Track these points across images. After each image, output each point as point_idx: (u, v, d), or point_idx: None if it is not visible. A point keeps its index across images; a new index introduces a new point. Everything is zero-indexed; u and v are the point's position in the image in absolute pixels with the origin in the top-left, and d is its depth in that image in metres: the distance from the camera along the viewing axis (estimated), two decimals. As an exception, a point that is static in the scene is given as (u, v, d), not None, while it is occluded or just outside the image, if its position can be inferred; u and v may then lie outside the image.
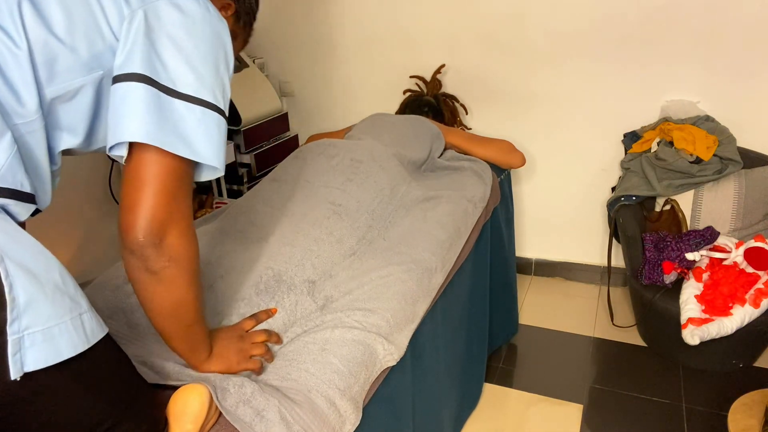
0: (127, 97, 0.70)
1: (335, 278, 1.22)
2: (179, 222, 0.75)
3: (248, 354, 0.95)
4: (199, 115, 0.74)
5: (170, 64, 0.72)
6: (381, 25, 2.35)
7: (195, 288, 0.81)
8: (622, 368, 1.92)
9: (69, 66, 0.69)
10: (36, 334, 0.61)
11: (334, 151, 1.56)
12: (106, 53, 0.71)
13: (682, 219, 1.90)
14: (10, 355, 0.59)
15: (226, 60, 0.79)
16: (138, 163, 0.72)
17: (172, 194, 0.74)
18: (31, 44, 0.65)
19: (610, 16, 2.01)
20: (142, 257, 0.73)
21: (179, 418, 0.82)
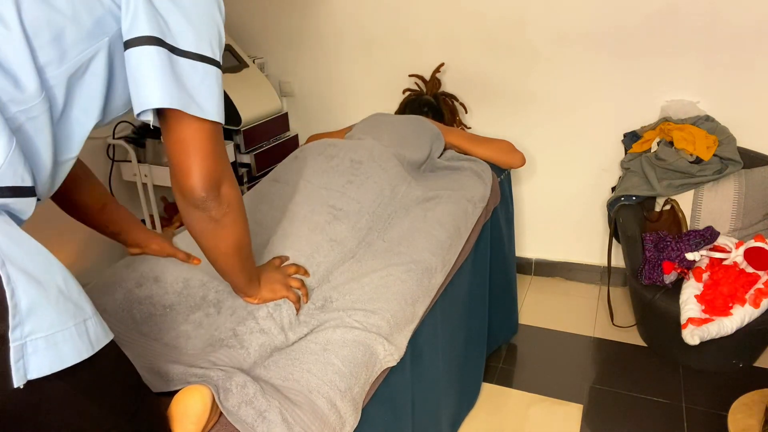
0: (142, 62, 0.71)
1: (334, 281, 1.22)
2: (227, 174, 0.85)
3: (288, 283, 1.08)
4: (201, 72, 0.76)
5: (170, 22, 0.73)
6: (381, 25, 2.35)
7: (247, 227, 0.93)
8: (622, 368, 1.92)
9: (75, 38, 0.67)
10: (39, 341, 0.59)
11: (334, 151, 1.56)
12: (106, 17, 0.70)
13: (682, 219, 1.90)
14: (12, 363, 0.57)
15: (220, 13, 0.80)
16: (176, 127, 0.77)
17: (217, 154, 0.82)
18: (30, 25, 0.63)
19: (610, 16, 2.01)
20: (206, 209, 0.83)
21: (181, 419, 0.82)
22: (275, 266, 1.13)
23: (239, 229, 0.91)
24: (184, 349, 1.02)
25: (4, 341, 0.57)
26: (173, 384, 0.90)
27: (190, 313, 1.09)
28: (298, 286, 1.12)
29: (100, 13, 0.70)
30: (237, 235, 0.91)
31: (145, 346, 1.01)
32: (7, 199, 0.62)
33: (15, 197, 0.63)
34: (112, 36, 0.72)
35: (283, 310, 1.07)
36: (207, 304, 1.11)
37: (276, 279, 1.08)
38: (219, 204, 0.84)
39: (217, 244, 0.90)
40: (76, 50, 0.68)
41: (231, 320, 1.04)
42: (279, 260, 1.18)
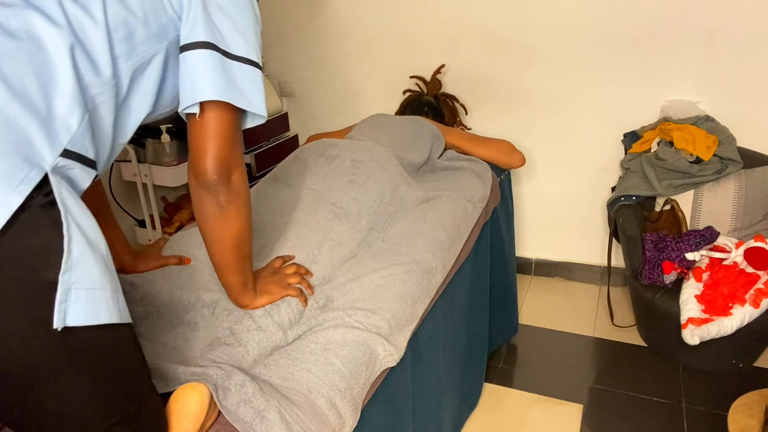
0: (198, 62, 0.83)
1: (335, 281, 1.22)
2: (240, 164, 0.92)
3: (286, 282, 1.10)
4: (250, 73, 0.88)
5: (224, 31, 0.85)
6: (381, 25, 2.35)
7: (250, 222, 0.97)
8: (622, 368, 1.92)
9: (143, 38, 0.79)
10: (81, 291, 0.65)
11: (334, 151, 1.55)
12: (168, 25, 0.82)
13: (682, 219, 1.90)
14: (57, 303, 0.63)
15: (258, 24, 0.93)
16: (204, 121, 0.86)
17: (233, 142, 0.89)
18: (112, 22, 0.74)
19: (610, 16, 2.01)
20: (215, 193, 0.89)
21: (179, 417, 0.83)
22: (274, 269, 1.14)
23: (243, 221, 0.95)
24: (183, 349, 1.02)
25: (53, 282, 0.63)
26: (172, 384, 0.90)
27: (184, 313, 1.09)
28: (298, 281, 1.13)
29: (165, 21, 0.82)
30: (240, 226, 0.95)
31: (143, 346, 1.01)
32: (75, 163, 0.71)
33: (80, 164, 0.72)
34: (170, 41, 0.84)
35: (281, 308, 1.07)
36: (201, 304, 1.11)
37: (274, 282, 1.09)
38: (228, 190, 0.90)
39: (219, 232, 0.94)
40: (142, 48, 0.79)
41: (228, 320, 1.04)
42: (281, 260, 1.18)
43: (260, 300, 1.06)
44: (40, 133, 0.65)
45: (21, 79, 0.64)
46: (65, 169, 0.69)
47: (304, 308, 1.12)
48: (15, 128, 0.63)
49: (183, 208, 2.38)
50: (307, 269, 1.19)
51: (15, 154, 0.62)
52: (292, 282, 1.11)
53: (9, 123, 0.62)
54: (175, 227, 2.30)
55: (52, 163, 0.66)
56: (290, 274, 1.13)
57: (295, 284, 1.11)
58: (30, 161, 0.63)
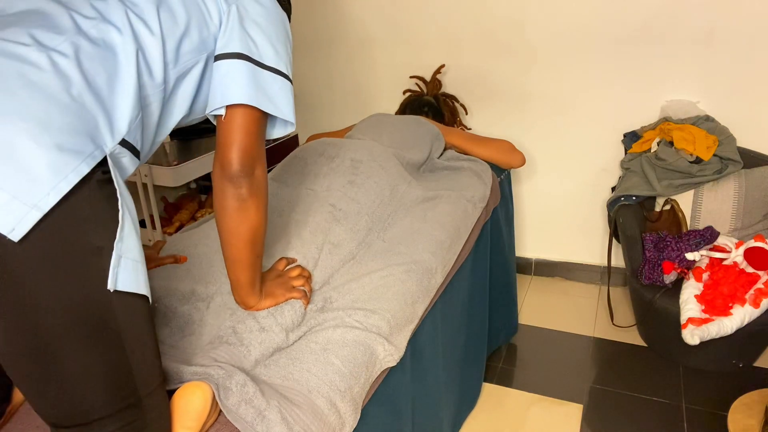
0: (231, 71, 0.90)
1: (334, 282, 1.22)
2: (263, 161, 0.97)
3: (290, 285, 1.12)
4: (280, 83, 0.95)
5: (259, 44, 0.93)
6: (381, 25, 2.35)
7: (265, 221, 1.01)
8: (622, 368, 1.92)
9: (188, 49, 0.88)
10: (128, 261, 0.74)
11: (334, 151, 1.55)
12: (209, 39, 0.91)
13: (682, 219, 1.90)
14: (111, 267, 0.72)
15: (290, 40, 1.01)
16: (233, 116, 0.92)
17: (258, 137, 0.94)
18: (165, 34, 0.84)
19: (610, 16, 2.01)
20: (238, 185, 0.93)
21: (182, 415, 0.83)
22: (278, 272, 1.16)
23: (261, 216, 0.99)
24: (181, 347, 1.02)
25: (109, 249, 0.72)
26: (173, 382, 0.90)
27: (179, 305, 1.09)
28: (302, 284, 1.14)
29: (206, 35, 0.90)
30: (257, 221, 0.99)
31: None
32: (127, 151, 0.80)
33: (130, 153, 0.81)
34: (210, 53, 0.92)
35: (285, 310, 1.07)
36: (196, 298, 1.10)
37: (277, 284, 1.11)
38: (251, 183, 0.95)
39: (237, 225, 0.97)
40: (186, 58, 0.88)
41: (231, 319, 1.04)
42: (285, 262, 1.19)
43: (265, 302, 1.08)
44: (105, 122, 0.76)
45: (95, 77, 0.75)
46: (120, 155, 0.79)
47: (305, 310, 1.12)
48: (88, 114, 0.73)
49: (183, 208, 2.38)
50: (310, 273, 1.20)
51: (86, 134, 0.72)
52: (296, 285, 1.13)
53: (85, 109, 0.73)
54: (175, 227, 2.30)
55: (112, 148, 0.76)
56: (294, 277, 1.14)
57: (299, 287, 1.13)
58: (96, 142, 0.73)
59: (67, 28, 0.76)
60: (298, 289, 1.12)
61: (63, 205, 0.68)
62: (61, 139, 0.69)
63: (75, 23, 0.77)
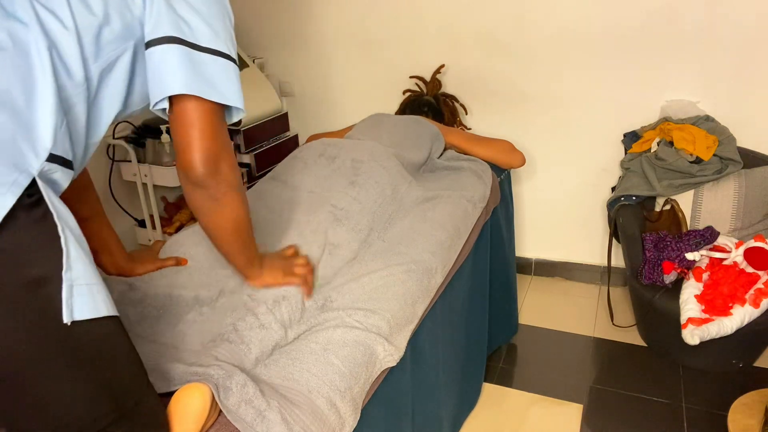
0: (164, 57, 0.81)
1: (334, 281, 1.22)
2: (227, 154, 0.90)
3: (292, 270, 1.12)
4: (221, 64, 0.86)
5: (191, 24, 0.83)
6: (381, 25, 2.35)
7: (247, 208, 0.98)
8: (622, 368, 1.92)
9: (109, 39, 0.79)
10: (82, 287, 0.68)
11: (334, 151, 1.55)
12: (134, 24, 0.81)
13: (682, 219, 1.90)
14: (64, 300, 0.66)
15: (229, 15, 0.91)
16: (182, 112, 0.85)
17: (216, 132, 0.87)
18: (80, 24, 0.75)
19: (610, 16, 2.01)
20: (205, 187, 0.89)
21: (181, 417, 0.83)
22: (284, 256, 1.17)
23: (238, 208, 0.96)
24: (182, 347, 1.02)
25: (58, 279, 0.66)
26: (174, 384, 0.90)
27: (183, 314, 1.10)
28: (304, 273, 1.14)
29: (129, 20, 0.81)
30: (236, 214, 0.96)
31: (142, 347, 1.01)
32: (58, 166, 0.73)
33: (61, 166, 0.73)
34: (137, 40, 0.82)
35: (282, 306, 1.08)
36: (200, 304, 1.11)
37: (279, 266, 1.12)
38: (217, 183, 0.90)
39: (216, 222, 0.95)
40: (108, 48, 0.79)
41: (231, 317, 1.05)
42: (292, 250, 1.22)
43: (266, 278, 1.09)
44: (27, 141, 0.67)
45: (8, 89, 0.67)
46: (49, 172, 0.71)
47: (304, 306, 1.12)
48: (4, 137, 0.65)
49: (183, 208, 2.38)
50: (314, 266, 1.21)
51: (6, 162, 0.64)
52: (297, 272, 1.13)
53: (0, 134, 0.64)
54: (175, 227, 2.30)
55: (39, 168, 0.68)
56: (298, 264, 1.16)
57: (300, 274, 1.13)
58: (19, 168, 0.65)
59: None
60: (299, 276, 1.12)
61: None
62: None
63: None
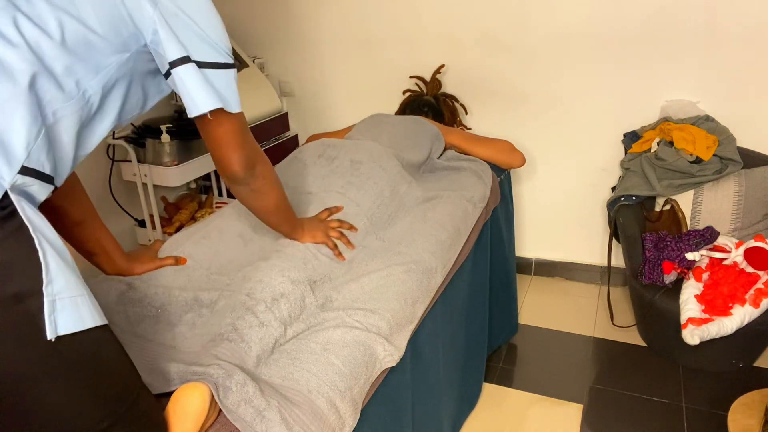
0: (184, 78, 0.89)
1: (334, 281, 1.22)
2: (258, 153, 1.06)
3: (327, 232, 1.29)
4: (223, 76, 0.93)
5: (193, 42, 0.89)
6: (381, 25, 2.35)
7: (282, 190, 1.16)
8: (622, 368, 1.92)
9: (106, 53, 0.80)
10: (65, 300, 0.67)
11: (333, 152, 1.55)
12: (130, 39, 0.84)
13: (682, 219, 1.90)
14: (46, 315, 0.64)
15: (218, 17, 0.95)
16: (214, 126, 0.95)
17: (244, 139, 1.01)
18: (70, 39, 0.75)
19: (610, 16, 2.01)
20: (247, 184, 1.05)
21: (180, 417, 0.82)
22: (320, 219, 1.33)
23: (275, 193, 1.13)
24: (181, 347, 1.02)
25: (38, 295, 0.64)
26: (173, 383, 0.90)
27: (182, 314, 1.10)
28: (338, 236, 1.30)
29: (125, 35, 0.83)
30: (274, 198, 1.13)
31: (141, 347, 1.01)
32: (33, 179, 0.71)
33: (38, 180, 0.72)
34: (132, 53, 0.85)
35: (281, 304, 1.08)
36: (199, 305, 1.12)
37: (317, 227, 1.28)
38: (255, 179, 1.05)
39: (260, 205, 1.13)
40: (105, 63, 0.81)
41: (230, 316, 1.05)
42: (327, 212, 1.36)
43: (306, 236, 1.26)
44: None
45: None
46: (24, 186, 0.70)
47: (304, 304, 1.12)
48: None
49: (183, 208, 2.38)
50: (350, 224, 1.35)
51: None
52: (332, 235, 1.29)
53: None
54: (175, 227, 2.30)
55: (11, 181, 0.67)
56: (332, 227, 1.31)
57: (334, 237, 1.29)
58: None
59: None
60: (331, 239, 1.28)
61: None
62: None
63: None
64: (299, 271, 1.16)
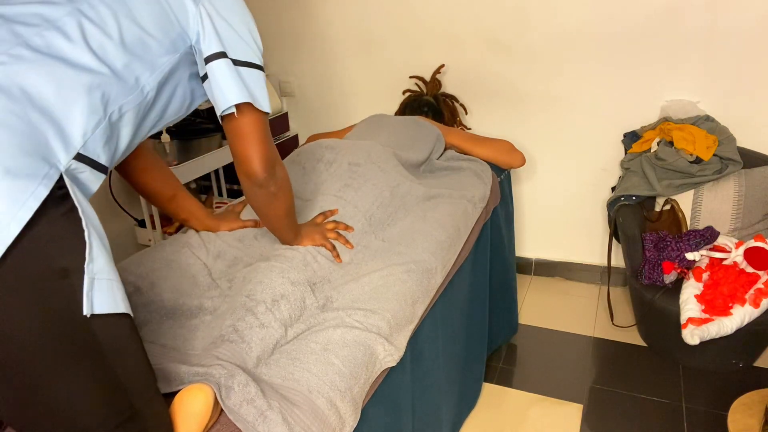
0: (220, 72, 0.93)
1: (334, 282, 1.22)
2: (278, 158, 1.07)
3: (325, 235, 1.29)
4: (255, 75, 0.98)
5: (231, 41, 0.95)
6: (381, 25, 2.35)
7: (293, 196, 1.17)
8: (622, 368, 1.93)
9: (159, 53, 0.88)
10: (102, 282, 0.71)
11: (332, 155, 1.55)
12: (178, 40, 0.91)
13: (682, 219, 1.90)
14: (85, 292, 0.69)
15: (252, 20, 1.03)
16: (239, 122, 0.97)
17: (268, 140, 1.02)
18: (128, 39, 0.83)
19: (610, 16, 2.01)
20: (265, 186, 1.05)
21: (184, 417, 0.83)
22: (316, 223, 1.33)
23: (288, 199, 1.14)
24: (183, 349, 1.02)
25: (80, 272, 0.69)
26: (176, 384, 0.90)
27: (186, 320, 1.10)
28: (335, 237, 1.30)
29: (174, 36, 0.90)
30: (287, 203, 1.14)
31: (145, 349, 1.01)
32: (86, 167, 0.77)
33: (90, 168, 0.78)
34: (181, 54, 0.92)
35: (281, 305, 1.08)
36: (204, 312, 1.12)
37: (314, 231, 1.29)
38: (274, 182, 1.06)
39: (273, 211, 1.13)
40: (160, 62, 0.88)
41: (231, 318, 1.05)
42: (322, 216, 1.36)
43: (305, 242, 1.26)
44: (57, 136, 0.72)
45: (41, 90, 0.72)
46: (76, 171, 0.76)
47: (304, 305, 1.12)
48: (36, 131, 0.70)
49: (183, 208, 2.38)
50: (346, 225, 1.35)
51: (37, 154, 0.69)
52: (330, 236, 1.30)
53: (32, 126, 0.70)
54: (175, 227, 2.30)
55: (66, 164, 0.73)
56: (329, 229, 1.31)
57: (332, 239, 1.29)
58: (49, 161, 0.70)
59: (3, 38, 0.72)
60: (329, 241, 1.28)
61: (24, 231, 0.65)
62: (12, 164, 0.66)
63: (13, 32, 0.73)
64: (299, 273, 1.16)
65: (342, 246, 1.31)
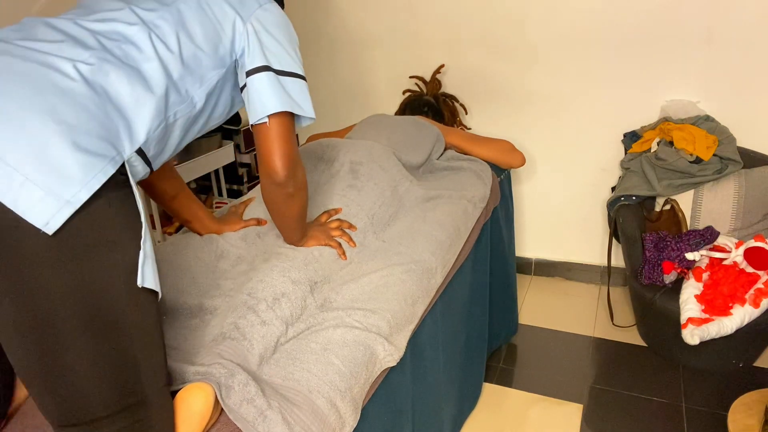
0: (260, 84, 1.00)
1: (334, 282, 1.22)
2: (300, 160, 1.11)
3: (330, 234, 1.30)
4: (299, 85, 1.06)
5: (276, 54, 1.02)
6: (381, 26, 2.35)
7: (308, 199, 1.20)
8: (622, 368, 1.92)
9: (209, 67, 0.97)
10: (149, 260, 0.80)
11: (333, 154, 1.55)
12: (225, 55, 0.99)
13: (682, 219, 1.90)
14: (140, 266, 0.77)
15: (295, 38, 1.11)
16: (269, 127, 1.03)
17: (293, 141, 1.07)
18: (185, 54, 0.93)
19: (610, 15, 2.01)
20: (285, 186, 1.08)
21: (185, 416, 0.83)
22: (320, 222, 1.34)
23: (304, 201, 1.17)
24: (184, 349, 1.02)
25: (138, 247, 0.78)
26: (176, 383, 0.90)
27: (186, 320, 1.10)
28: (339, 234, 1.31)
29: (222, 52, 0.98)
30: (302, 205, 1.17)
31: None
32: (141, 160, 0.87)
33: (143, 162, 0.88)
34: (227, 68, 1.00)
35: (282, 303, 1.08)
36: (204, 312, 1.12)
37: (319, 230, 1.30)
38: (294, 183, 1.09)
39: (287, 211, 1.15)
40: (209, 75, 0.97)
41: (232, 316, 1.05)
42: (326, 215, 1.37)
43: (310, 243, 1.26)
44: (126, 130, 0.82)
45: (118, 90, 0.82)
46: (134, 162, 0.85)
47: (304, 304, 1.12)
48: (111, 122, 0.80)
49: (183, 208, 2.38)
50: (350, 224, 1.35)
51: (108, 140, 0.78)
52: (334, 234, 1.30)
53: (108, 117, 0.80)
54: (175, 227, 2.30)
55: (129, 155, 0.82)
56: (333, 228, 1.32)
57: (337, 237, 1.30)
58: (117, 148, 0.80)
59: (93, 46, 0.84)
60: (334, 240, 1.29)
61: (89, 202, 0.73)
62: (89, 142, 0.75)
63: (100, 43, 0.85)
64: (300, 272, 1.17)
65: (345, 244, 1.31)
